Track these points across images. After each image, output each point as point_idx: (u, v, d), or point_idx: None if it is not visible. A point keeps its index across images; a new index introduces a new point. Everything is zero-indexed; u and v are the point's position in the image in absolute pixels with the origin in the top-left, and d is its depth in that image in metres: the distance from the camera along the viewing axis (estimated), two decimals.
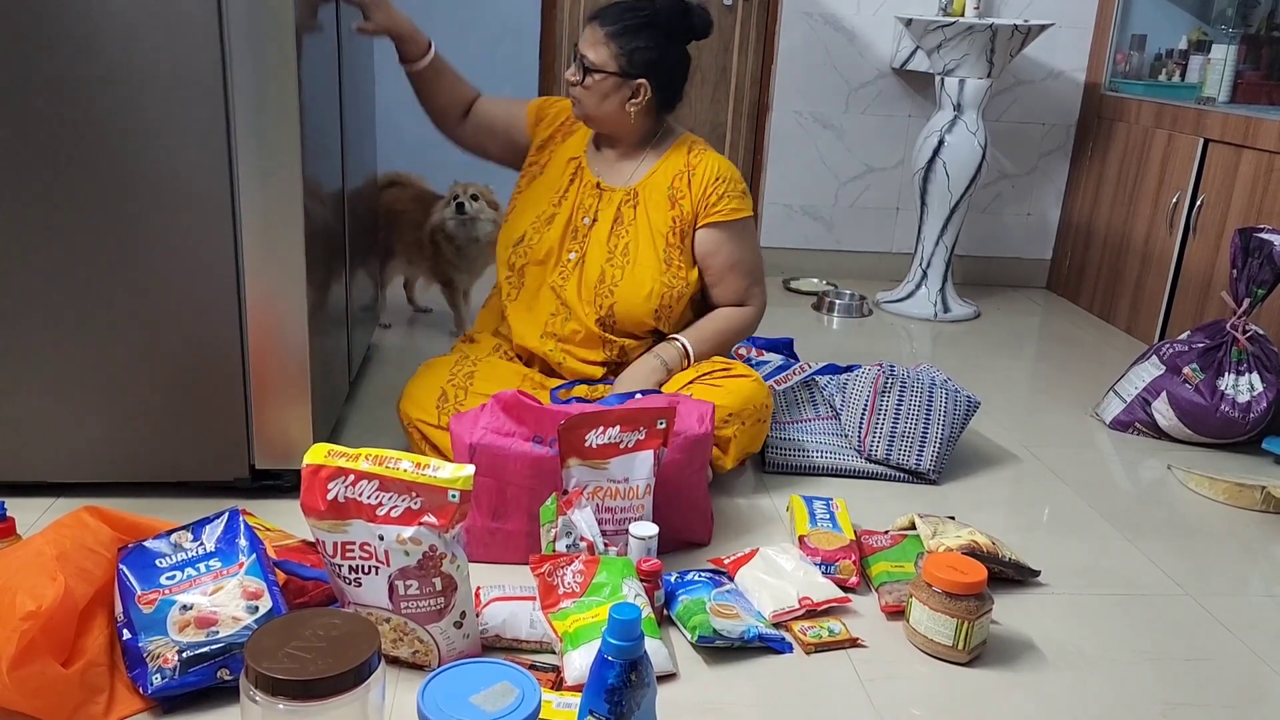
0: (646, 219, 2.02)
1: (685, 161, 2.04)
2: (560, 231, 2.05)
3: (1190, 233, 3.06)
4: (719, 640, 1.46)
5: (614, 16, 1.96)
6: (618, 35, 1.94)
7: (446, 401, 1.93)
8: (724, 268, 2.05)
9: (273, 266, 1.71)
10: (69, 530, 1.39)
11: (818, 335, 3.22)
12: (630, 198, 2.04)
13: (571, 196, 2.07)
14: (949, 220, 3.43)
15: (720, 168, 2.03)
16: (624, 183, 2.06)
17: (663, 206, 2.02)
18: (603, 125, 2.04)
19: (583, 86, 1.98)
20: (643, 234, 2.02)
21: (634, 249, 2.01)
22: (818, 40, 3.65)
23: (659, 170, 2.05)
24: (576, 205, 2.06)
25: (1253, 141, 2.80)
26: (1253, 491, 2.09)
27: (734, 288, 2.07)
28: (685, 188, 2.02)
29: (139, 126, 1.63)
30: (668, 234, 2.02)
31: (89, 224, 1.66)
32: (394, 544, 1.30)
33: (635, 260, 2.01)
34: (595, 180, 2.07)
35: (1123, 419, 2.50)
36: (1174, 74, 3.55)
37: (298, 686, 1.05)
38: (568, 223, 2.05)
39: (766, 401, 1.96)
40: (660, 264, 2.01)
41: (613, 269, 2.01)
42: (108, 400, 1.75)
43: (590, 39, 1.96)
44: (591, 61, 1.96)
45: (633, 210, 2.03)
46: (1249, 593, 1.77)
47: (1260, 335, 2.40)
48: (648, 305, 2.00)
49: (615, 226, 2.03)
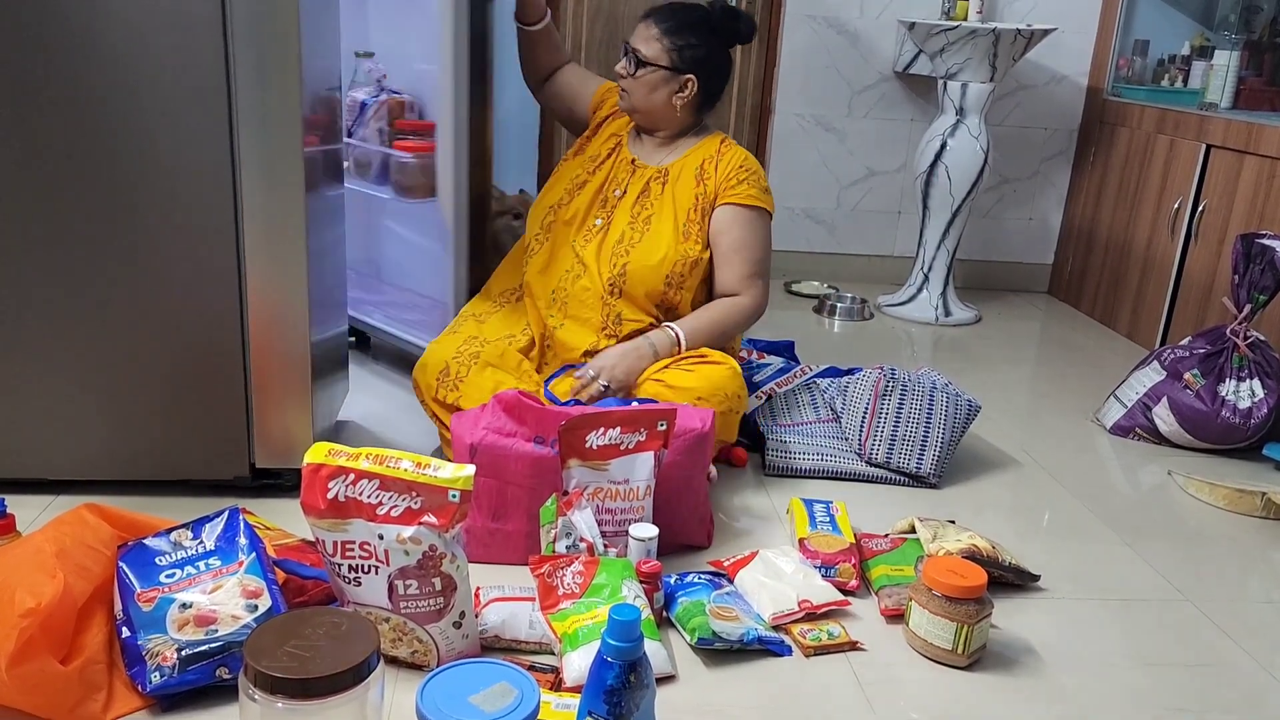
0: (673, 195, 2.10)
1: (716, 149, 2.13)
2: (590, 196, 2.13)
3: (1192, 238, 3.06)
4: (718, 642, 1.46)
5: (668, 14, 2.09)
6: (671, 32, 2.06)
7: (448, 376, 1.95)
8: (730, 249, 2.08)
9: (274, 265, 1.72)
10: (69, 528, 1.39)
11: (819, 338, 3.22)
12: (661, 175, 2.13)
13: (606, 167, 2.16)
14: (950, 224, 3.43)
15: (747, 159, 2.13)
16: (658, 163, 2.14)
17: (689, 185, 2.10)
18: (647, 118, 2.14)
19: (634, 78, 2.08)
20: (666, 207, 2.09)
21: (656, 220, 2.08)
22: (820, 43, 3.65)
23: (691, 154, 2.14)
24: (610, 177, 2.15)
25: (1255, 148, 2.80)
26: (1253, 497, 2.09)
27: (736, 272, 2.08)
28: (712, 170, 2.10)
29: (141, 125, 1.63)
30: (690, 209, 2.09)
31: (90, 222, 1.66)
32: (394, 543, 1.30)
33: (654, 228, 2.07)
34: (631, 157, 2.16)
35: (1123, 424, 2.50)
36: (1176, 79, 3.55)
37: (296, 685, 1.05)
38: (599, 190, 2.14)
39: (739, 391, 1.96)
40: (678, 234, 2.07)
41: (632, 232, 2.08)
42: (109, 398, 1.76)
43: (643, 35, 2.08)
44: (645, 55, 2.06)
45: (661, 186, 2.11)
46: (1249, 599, 1.77)
47: (1261, 341, 2.40)
48: (660, 270, 2.03)
49: (642, 198, 2.11)
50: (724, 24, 2.11)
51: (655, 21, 2.09)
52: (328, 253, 1.97)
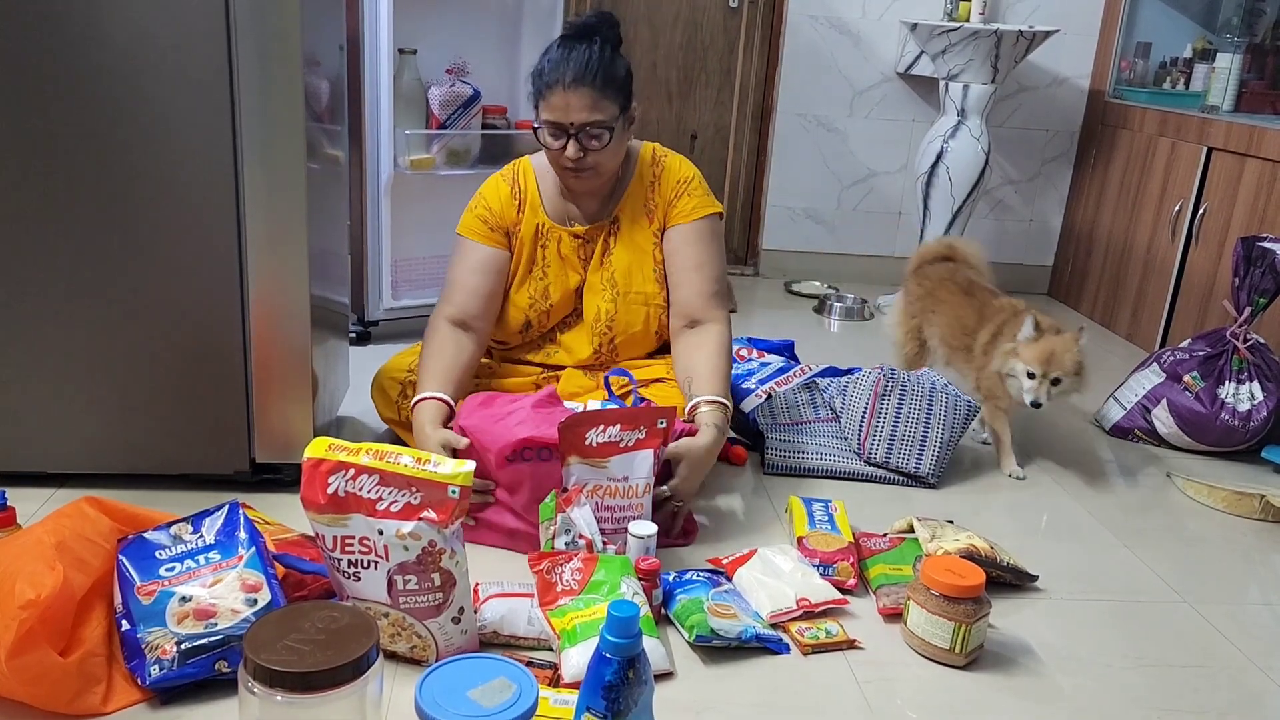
0: (632, 241, 1.96)
1: (652, 174, 1.97)
2: (557, 300, 1.98)
3: (1192, 241, 3.06)
4: (716, 640, 1.46)
5: (582, 69, 1.77)
6: (604, 85, 1.79)
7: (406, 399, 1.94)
8: (688, 268, 1.94)
9: (276, 259, 1.72)
10: (69, 520, 1.39)
11: (819, 338, 3.22)
12: (613, 226, 1.97)
13: (556, 269, 1.96)
14: (951, 225, 3.43)
15: (683, 168, 1.98)
16: (608, 216, 1.97)
17: (644, 225, 1.96)
18: (611, 175, 1.93)
19: (605, 149, 1.83)
20: (629, 256, 1.96)
21: (620, 276, 1.95)
22: (822, 43, 3.65)
23: (633, 189, 1.97)
24: (566, 274, 1.97)
25: (1256, 150, 2.80)
26: (1252, 500, 2.09)
27: (698, 290, 1.93)
28: (658, 197, 1.96)
29: (143, 119, 1.63)
30: (653, 250, 1.96)
31: (92, 215, 1.67)
32: (393, 539, 1.30)
33: (626, 289, 1.95)
34: (575, 231, 1.96)
35: (1122, 425, 2.50)
36: (1178, 82, 3.55)
37: (296, 678, 1.05)
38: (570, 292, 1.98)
39: None
40: (652, 286, 1.96)
41: (606, 304, 1.96)
42: (109, 392, 1.76)
43: (581, 105, 1.77)
44: (603, 121, 1.80)
45: (614, 238, 1.96)
46: (1246, 601, 1.77)
47: (1261, 344, 2.40)
48: (647, 329, 1.98)
49: (604, 258, 1.97)
50: (610, 33, 1.84)
51: (582, 87, 1.77)
52: (330, 247, 1.97)
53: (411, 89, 2.72)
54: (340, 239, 2.16)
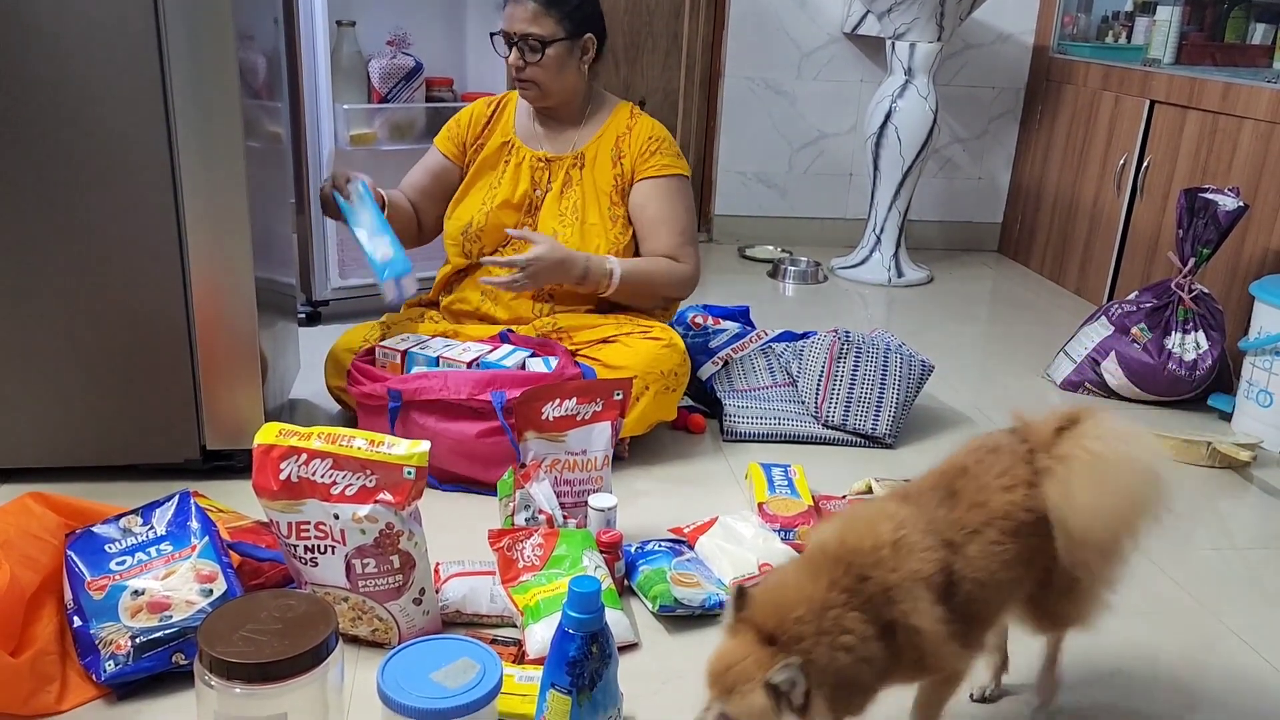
0: (593, 179, 2.05)
1: (627, 124, 2.08)
2: (509, 213, 2.05)
3: (1137, 194, 3.10)
4: (680, 609, 1.47)
5: None
6: (551, 3, 1.93)
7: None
8: (655, 221, 2.04)
9: (217, 241, 1.67)
10: (13, 517, 1.36)
11: (773, 303, 3.22)
12: (577, 161, 2.06)
13: (510, 177, 2.06)
14: (901, 185, 3.44)
15: (654, 128, 2.08)
16: (570, 149, 2.07)
17: (606, 166, 2.05)
18: (560, 97, 2.03)
19: (538, 65, 1.96)
20: (589, 194, 2.04)
21: (582, 207, 2.04)
22: (768, 5, 3.63)
23: (605, 131, 2.07)
24: (517, 185, 2.06)
25: (1197, 102, 2.83)
26: (1199, 447, 2.13)
27: (664, 243, 2.04)
28: (627, 148, 2.05)
29: (70, 100, 1.57)
30: (611, 193, 2.05)
31: (22, 203, 1.61)
32: (350, 522, 1.28)
33: (584, 220, 2.03)
34: (540, 154, 2.07)
35: (1073, 379, 2.54)
36: (1120, 36, 3.58)
37: (254, 670, 1.03)
38: (515, 203, 2.06)
39: (676, 369, 1.95)
40: (607, 222, 2.04)
41: (564, 228, 2.03)
42: (50, 383, 1.71)
43: (523, 16, 1.93)
44: (540, 36, 1.93)
45: (579, 172, 2.06)
46: (1196, 545, 1.81)
47: (1205, 294, 2.44)
48: None
49: (565, 190, 2.05)
50: None
51: (528, 1, 1.93)
52: (274, 226, 1.93)
53: (351, 62, 2.67)
54: (284, 218, 2.11)
